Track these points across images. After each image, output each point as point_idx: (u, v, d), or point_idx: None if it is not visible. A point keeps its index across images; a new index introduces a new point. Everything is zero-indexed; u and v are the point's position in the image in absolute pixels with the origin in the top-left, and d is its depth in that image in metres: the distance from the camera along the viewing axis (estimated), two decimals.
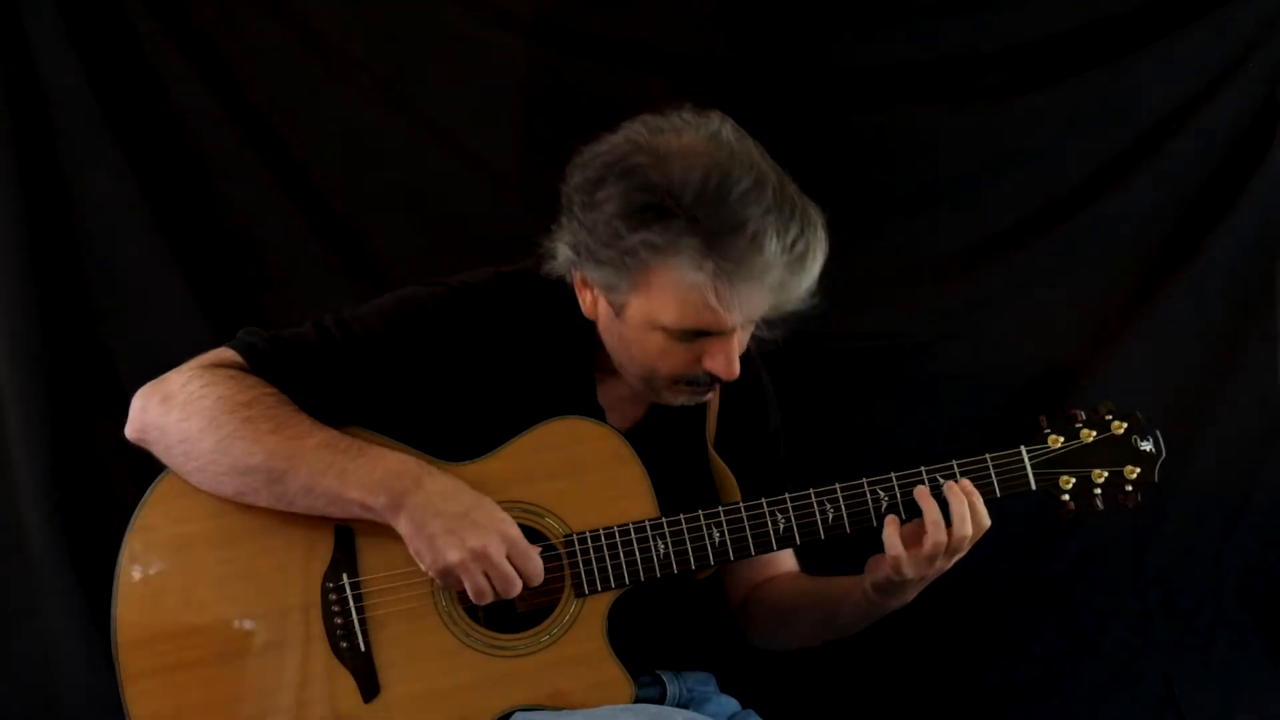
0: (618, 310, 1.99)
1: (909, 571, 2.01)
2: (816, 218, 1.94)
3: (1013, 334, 3.07)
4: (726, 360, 1.98)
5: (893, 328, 3.06)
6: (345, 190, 3.02)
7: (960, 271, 3.07)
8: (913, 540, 2.00)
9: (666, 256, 1.88)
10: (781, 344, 2.04)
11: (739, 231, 1.86)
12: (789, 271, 1.90)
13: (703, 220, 1.87)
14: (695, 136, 1.93)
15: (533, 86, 3.02)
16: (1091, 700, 3.04)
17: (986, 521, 2.02)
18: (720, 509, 2.04)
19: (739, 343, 2.00)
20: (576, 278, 2.04)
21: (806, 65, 3.04)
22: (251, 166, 3.00)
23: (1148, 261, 3.05)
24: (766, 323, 2.00)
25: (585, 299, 2.06)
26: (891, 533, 2.01)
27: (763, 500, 2.05)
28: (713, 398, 2.21)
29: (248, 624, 1.98)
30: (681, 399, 2.09)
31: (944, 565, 2.02)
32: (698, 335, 1.97)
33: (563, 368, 2.12)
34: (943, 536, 1.98)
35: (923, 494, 2.02)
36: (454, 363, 2.06)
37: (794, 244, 1.89)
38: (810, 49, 3.05)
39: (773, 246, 1.87)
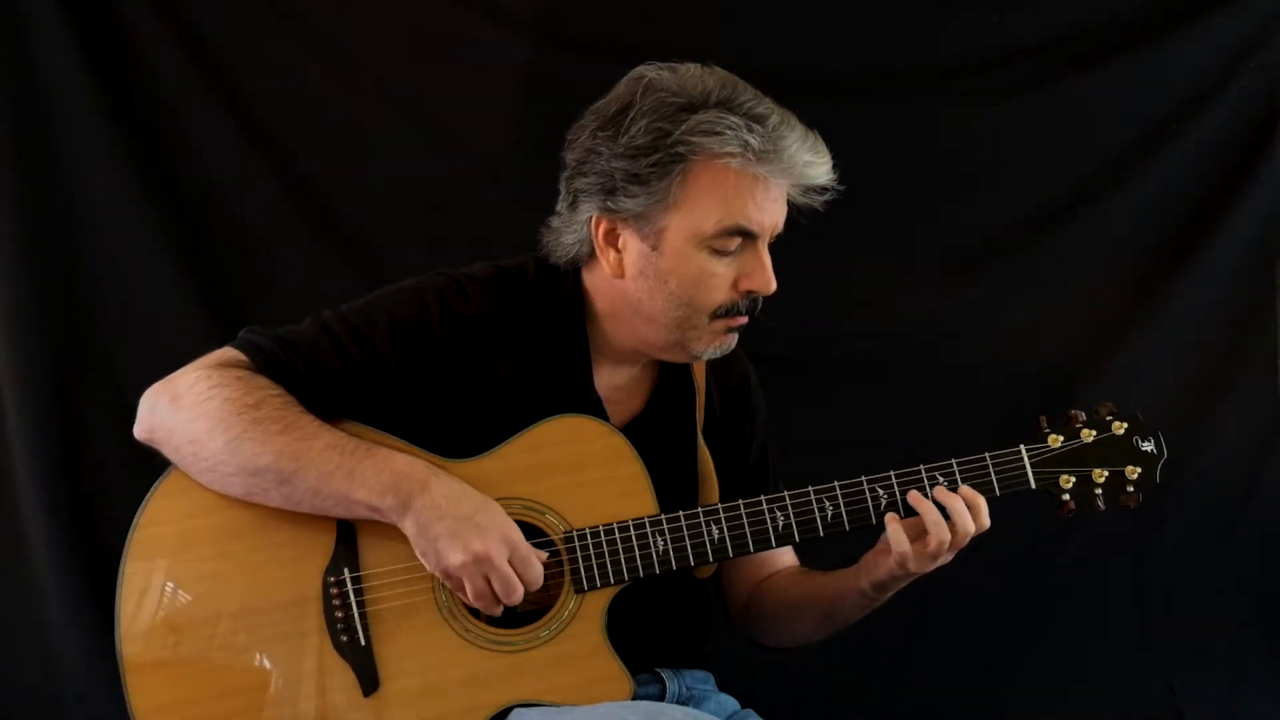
0: (655, 242, 2.01)
1: (914, 567, 2.02)
2: None
3: (1013, 334, 3.08)
4: (764, 272, 2.04)
5: (893, 328, 3.07)
6: (345, 189, 3.03)
7: (960, 271, 3.08)
8: (916, 535, 2.01)
9: (718, 136, 1.96)
10: (827, 203, 2.08)
11: (765, 119, 1.98)
12: (812, 154, 2.01)
13: (734, 111, 1.97)
14: (692, 68, 2.05)
15: (533, 86, 3.03)
16: (1092, 701, 3.04)
17: (987, 521, 2.03)
18: (719, 506, 2.04)
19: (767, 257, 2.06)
20: (599, 236, 2.06)
21: (807, 66, 3.05)
22: (251, 166, 3.01)
23: (1148, 261, 3.06)
24: (814, 192, 2.06)
25: (609, 258, 2.06)
26: (897, 529, 2.01)
27: (762, 498, 2.05)
28: (703, 389, 2.22)
29: (249, 618, 1.97)
30: (715, 345, 2.09)
31: (946, 559, 2.03)
32: (740, 237, 2.01)
33: (561, 361, 2.12)
34: (946, 535, 1.99)
35: (916, 499, 2.02)
36: (457, 355, 2.06)
37: (805, 134, 2.02)
38: (811, 50, 3.05)
39: (794, 133, 1.99)
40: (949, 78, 3.04)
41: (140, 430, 2.04)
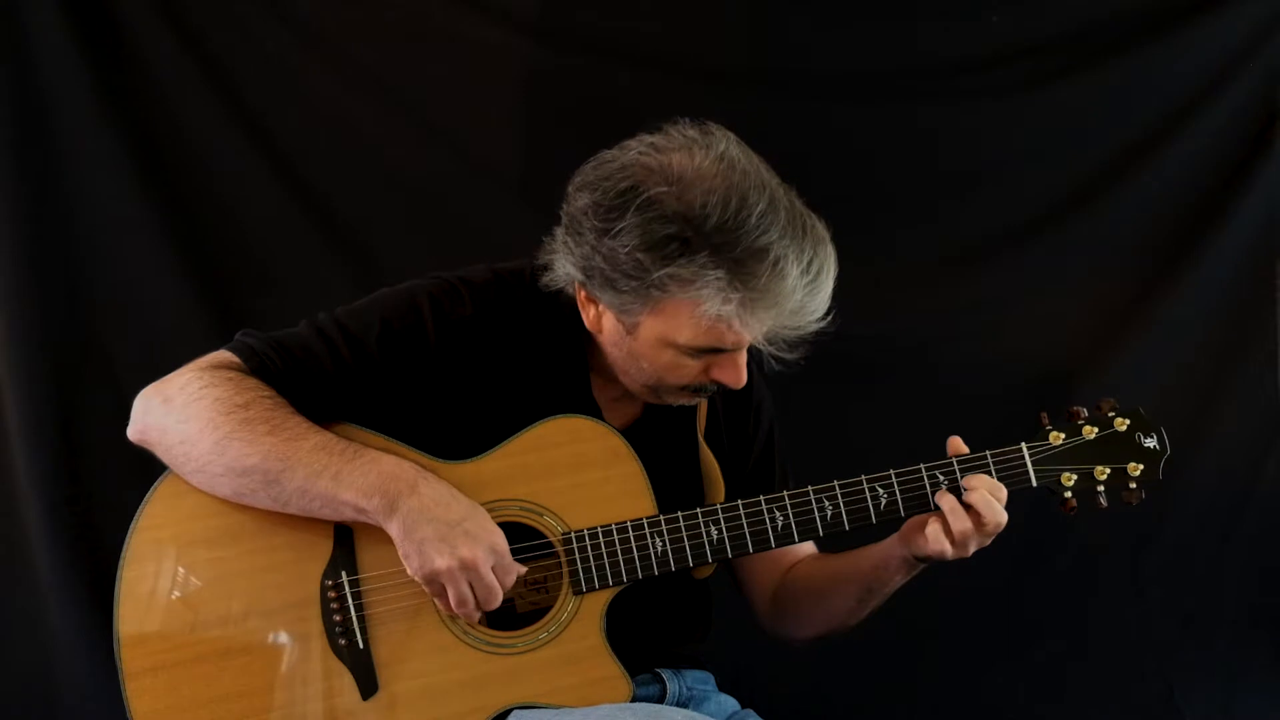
0: (629, 329, 2.00)
1: (953, 554, 2.02)
2: (824, 233, 1.96)
3: (1013, 334, 3.08)
4: (735, 371, 2.01)
5: (893, 327, 3.07)
6: (345, 190, 3.03)
7: (960, 271, 3.08)
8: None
9: (693, 289, 1.89)
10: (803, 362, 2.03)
11: (761, 259, 1.87)
12: (808, 293, 1.92)
13: (725, 249, 1.88)
14: (706, 158, 1.93)
15: (533, 86, 3.03)
16: (1091, 700, 3.04)
17: (1004, 495, 2.03)
18: (718, 507, 2.04)
19: (744, 355, 2.01)
20: (581, 294, 2.04)
21: (807, 66, 3.05)
22: (251, 166, 3.01)
23: (1148, 261, 3.06)
24: (788, 344, 1.99)
25: (589, 314, 2.05)
26: (936, 530, 2.01)
27: (761, 498, 2.04)
28: None
29: (247, 621, 1.97)
30: (683, 401, 2.10)
31: (984, 543, 2.03)
32: (712, 352, 1.98)
33: (559, 366, 2.12)
34: (966, 524, 1.99)
35: (941, 496, 2.02)
36: (451, 359, 2.06)
37: (810, 264, 1.91)
38: (810, 49, 3.05)
39: (794, 272, 1.88)
40: (949, 77, 3.04)
41: (134, 432, 2.05)
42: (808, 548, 2.30)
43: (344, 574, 1.99)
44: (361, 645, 1.98)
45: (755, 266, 1.87)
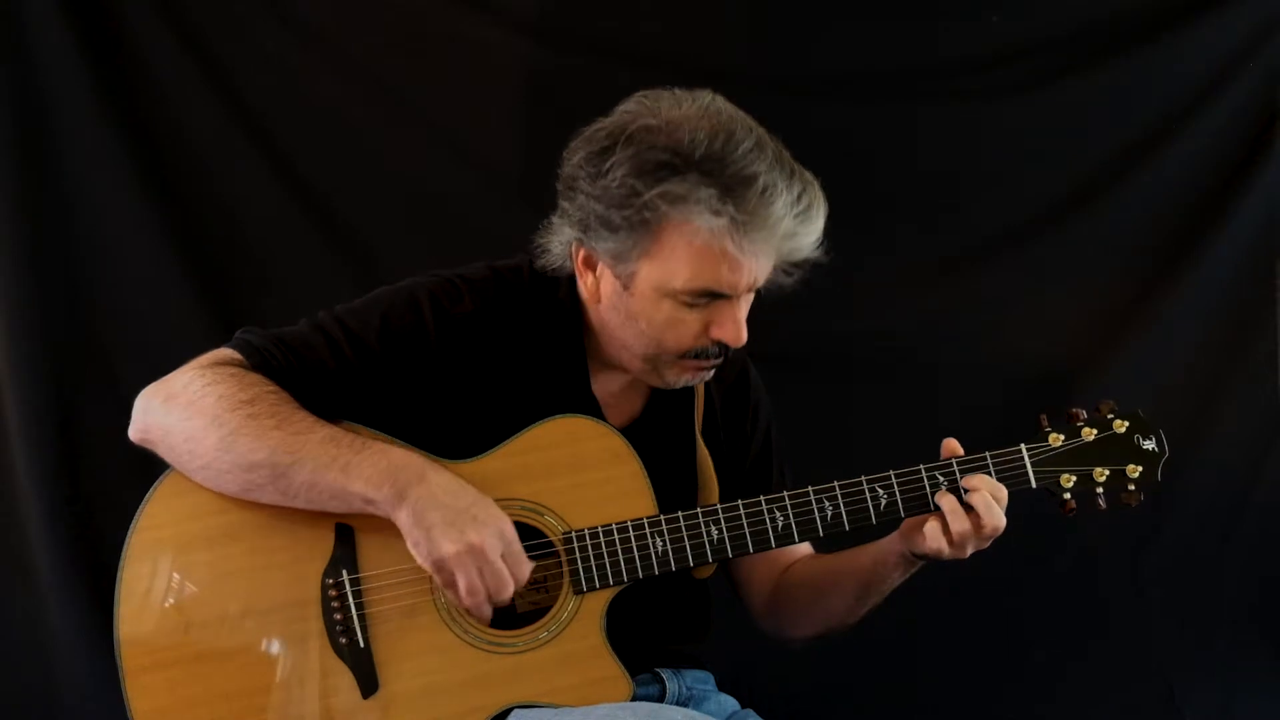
0: (626, 282, 2.00)
1: (950, 554, 2.02)
2: (813, 179, 1.99)
3: (1012, 334, 3.08)
4: (735, 326, 2.01)
5: (892, 327, 3.07)
6: (345, 190, 3.03)
7: (960, 271, 3.08)
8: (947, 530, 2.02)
9: (685, 206, 1.91)
10: (797, 283, 2.04)
11: (750, 185, 1.90)
12: (797, 223, 1.94)
13: (715, 174, 1.91)
14: (693, 106, 1.98)
15: (533, 86, 3.03)
16: (1091, 700, 3.04)
17: (1004, 497, 2.02)
18: (718, 507, 2.04)
19: (744, 310, 2.02)
20: (579, 259, 2.05)
21: (808, 65, 3.05)
22: (251, 166, 3.01)
23: (1148, 261, 3.07)
24: (784, 271, 2.02)
25: (587, 281, 2.06)
26: (935, 528, 2.01)
27: (761, 498, 2.05)
28: (701, 388, 2.22)
29: (248, 620, 1.97)
30: (685, 377, 2.09)
31: (983, 545, 2.03)
32: (709, 298, 1.98)
33: (558, 362, 2.12)
34: (965, 526, 1.99)
35: (941, 497, 2.02)
36: (451, 356, 2.06)
37: (799, 197, 1.94)
38: (812, 50, 3.06)
39: (782, 199, 1.91)
40: (949, 77, 3.05)
41: (135, 432, 2.04)
42: (805, 548, 2.30)
43: (345, 572, 1.99)
44: (362, 644, 1.98)
45: (744, 191, 1.90)
